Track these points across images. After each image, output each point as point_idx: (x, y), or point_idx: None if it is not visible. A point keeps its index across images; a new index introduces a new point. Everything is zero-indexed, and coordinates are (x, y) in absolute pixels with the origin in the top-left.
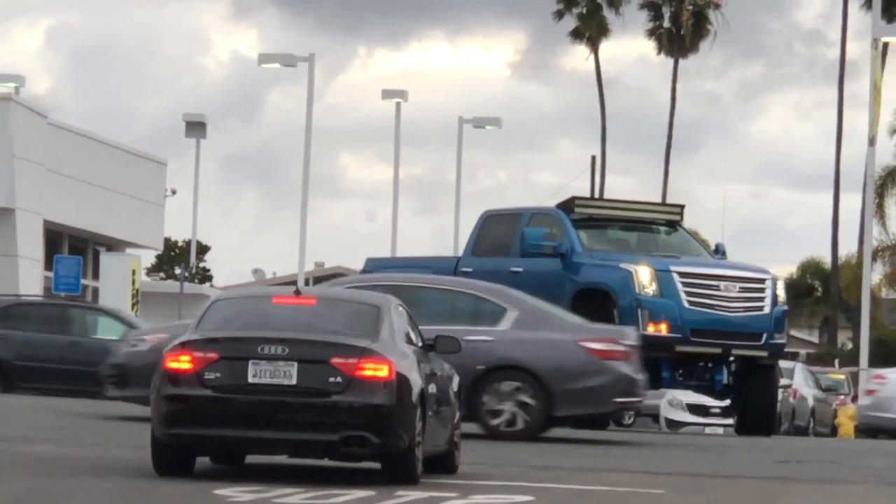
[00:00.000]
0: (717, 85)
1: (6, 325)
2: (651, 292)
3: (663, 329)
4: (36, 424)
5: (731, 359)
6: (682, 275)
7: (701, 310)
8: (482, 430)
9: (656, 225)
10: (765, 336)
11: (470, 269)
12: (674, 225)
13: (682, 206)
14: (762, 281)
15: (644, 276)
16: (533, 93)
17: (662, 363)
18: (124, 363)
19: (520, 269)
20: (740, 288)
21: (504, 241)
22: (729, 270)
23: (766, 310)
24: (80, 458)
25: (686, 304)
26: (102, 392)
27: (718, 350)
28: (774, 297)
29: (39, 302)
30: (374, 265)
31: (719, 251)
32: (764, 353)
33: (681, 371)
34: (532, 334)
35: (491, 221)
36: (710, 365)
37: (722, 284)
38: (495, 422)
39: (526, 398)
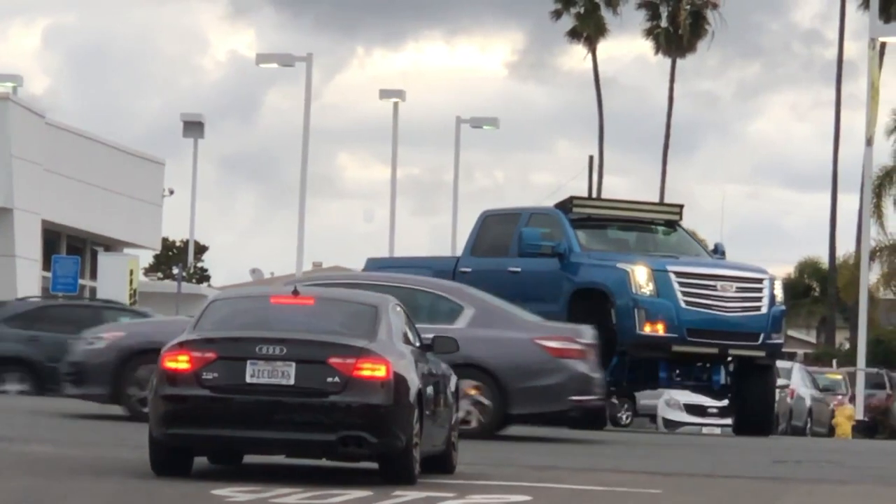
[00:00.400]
0: (715, 85)
1: (37, 326)
2: (648, 292)
3: (660, 329)
4: (34, 424)
5: (729, 359)
6: (678, 275)
7: (698, 310)
8: None
9: (655, 225)
10: (762, 336)
11: (469, 269)
12: (673, 225)
13: (681, 206)
14: (759, 281)
15: (641, 276)
16: (530, 93)
17: (660, 363)
18: (82, 361)
19: (518, 269)
20: (737, 288)
21: (503, 241)
22: (726, 270)
23: (764, 310)
24: (78, 458)
25: (683, 304)
26: (60, 390)
27: (715, 350)
28: (772, 297)
29: (71, 304)
30: (374, 265)
31: (718, 251)
32: (761, 353)
33: (678, 371)
34: (488, 332)
35: (490, 221)
36: (707, 365)
37: (719, 284)
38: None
39: (482, 396)
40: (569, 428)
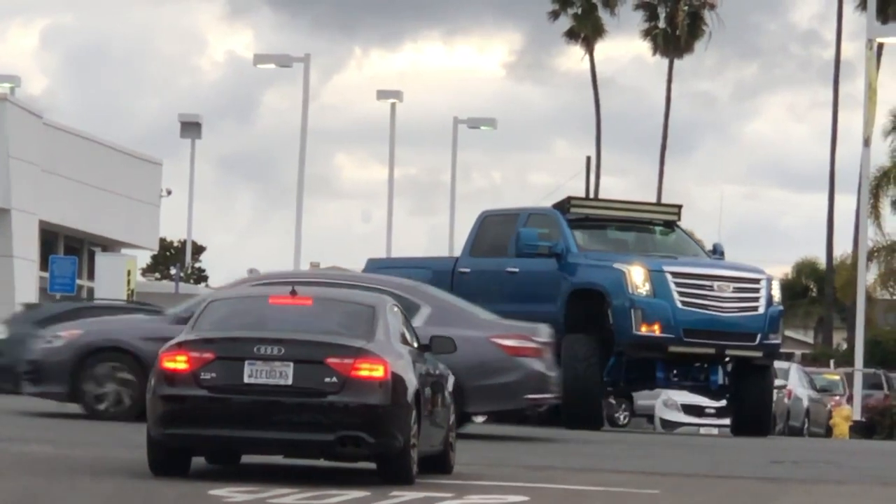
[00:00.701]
0: (713, 85)
1: None
2: (644, 293)
3: (656, 329)
4: (32, 424)
5: (728, 359)
6: (675, 275)
7: (694, 310)
8: None
9: (653, 225)
10: (759, 336)
11: (468, 270)
12: (671, 225)
13: (680, 207)
14: (757, 281)
15: (637, 277)
16: (528, 93)
17: (657, 363)
18: (40, 360)
19: (516, 270)
20: (734, 288)
21: (502, 241)
22: (723, 270)
23: (761, 310)
24: (77, 458)
25: (679, 305)
26: (19, 389)
27: (712, 350)
28: (769, 298)
29: (105, 305)
30: (374, 265)
31: (717, 251)
32: (758, 354)
33: (675, 371)
34: (445, 330)
35: (489, 222)
36: (705, 365)
37: (716, 284)
38: None
39: None
40: (566, 428)
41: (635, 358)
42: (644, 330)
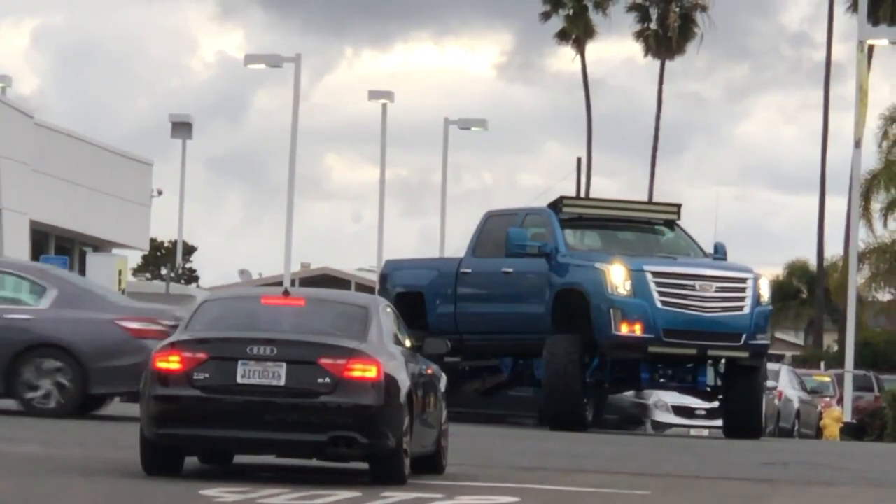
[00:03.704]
0: (704, 87)
1: None
2: (623, 292)
3: (636, 330)
4: (20, 424)
5: (721, 360)
6: (655, 274)
7: (674, 310)
8: (20, 406)
9: (651, 224)
10: (744, 336)
11: (469, 270)
12: (671, 224)
13: (679, 206)
14: (742, 280)
15: (616, 277)
16: (519, 94)
17: (641, 364)
18: None
19: (510, 270)
20: (717, 288)
21: (501, 241)
22: (706, 270)
23: (746, 310)
24: (65, 457)
25: (659, 304)
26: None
27: (693, 351)
28: (756, 297)
29: None
30: (392, 266)
31: (719, 251)
32: (744, 354)
33: (663, 372)
34: (71, 313)
35: (491, 222)
36: (694, 366)
37: (698, 284)
38: (31, 397)
39: (62, 376)
40: (548, 428)
41: (618, 358)
42: (624, 330)
